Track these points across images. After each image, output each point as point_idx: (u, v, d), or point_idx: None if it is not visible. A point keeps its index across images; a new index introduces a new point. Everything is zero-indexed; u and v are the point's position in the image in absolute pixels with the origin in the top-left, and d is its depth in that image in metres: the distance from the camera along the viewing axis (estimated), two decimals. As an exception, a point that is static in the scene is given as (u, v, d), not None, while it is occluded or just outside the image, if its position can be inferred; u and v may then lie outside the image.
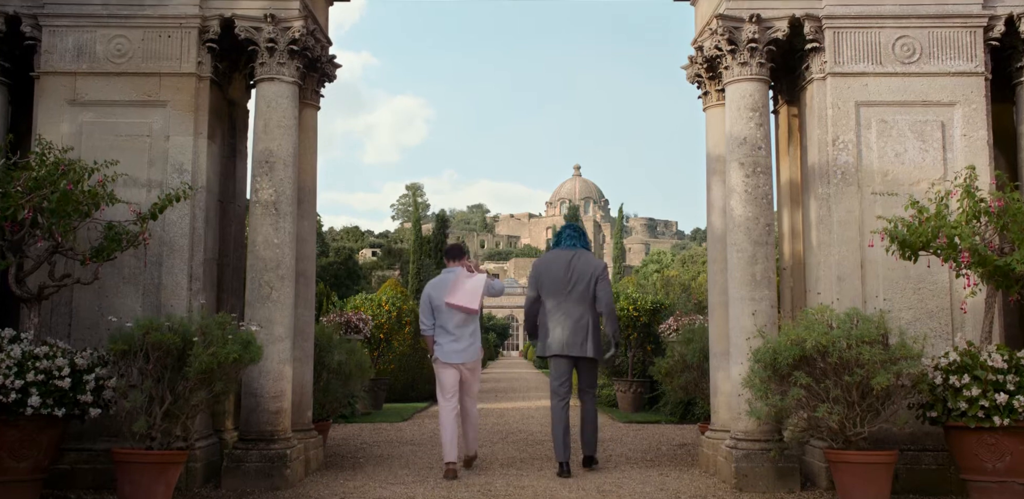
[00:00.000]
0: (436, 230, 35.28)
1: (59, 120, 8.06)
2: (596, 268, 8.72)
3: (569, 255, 8.80)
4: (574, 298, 8.62)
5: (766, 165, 8.16)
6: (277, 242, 8.05)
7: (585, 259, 8.77)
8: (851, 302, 7.83)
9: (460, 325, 8.67)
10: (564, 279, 8.66)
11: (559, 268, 8.72)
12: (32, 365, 6.39)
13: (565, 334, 8.56)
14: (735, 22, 8.22)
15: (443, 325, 8.68)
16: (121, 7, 8.17)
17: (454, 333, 8.65)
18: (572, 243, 8.91)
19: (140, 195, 7.96)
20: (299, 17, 8.22)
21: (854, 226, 7.97)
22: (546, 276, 8.77)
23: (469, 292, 8.63)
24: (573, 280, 8.66)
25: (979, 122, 8.05)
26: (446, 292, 8.67)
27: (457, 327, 8.66)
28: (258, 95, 8.29)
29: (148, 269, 7.84)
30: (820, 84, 8.23)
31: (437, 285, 8.89)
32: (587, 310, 8.62)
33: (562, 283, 8.66)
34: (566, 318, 8.58)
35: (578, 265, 8.71)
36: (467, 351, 8.69)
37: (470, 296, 8.61)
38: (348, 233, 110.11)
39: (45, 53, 8.13)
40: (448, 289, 8.68)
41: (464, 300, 8.61)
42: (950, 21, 8.14)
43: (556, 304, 8.65)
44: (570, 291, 8.64)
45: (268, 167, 8.10)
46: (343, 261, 57.71)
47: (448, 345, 8.64)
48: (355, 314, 16.63)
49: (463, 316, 8.68)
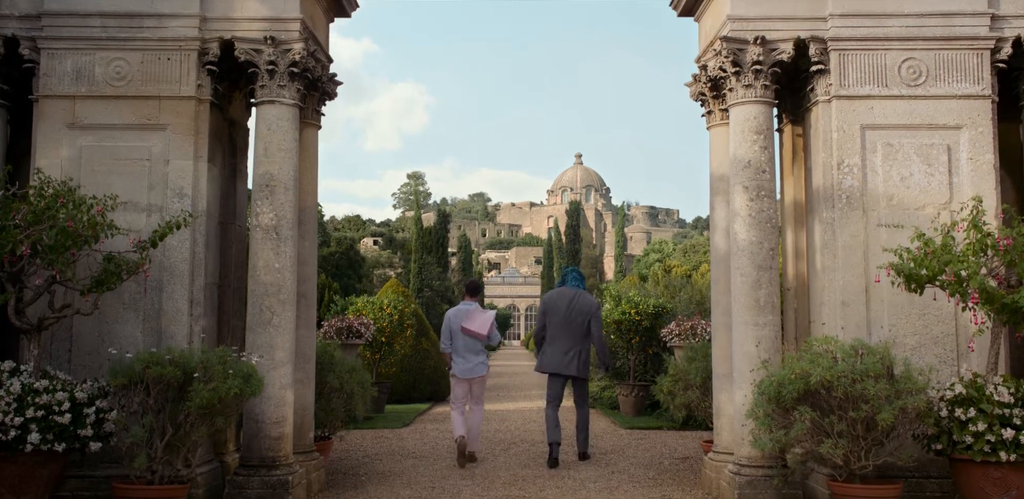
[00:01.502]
0: (437, 225, 35.36)
1: (58, 144, 8.00)
2: (591, 307, 10.80)
3: (572, 294, 10.86)
4: (571, 329, 10.68)
5: (770, 189, 8.10)
6: (278, 267, 8.00)
7: (584, 299, 10.83)
8: (855, 328, 7.79)
9: (469, 350, 10.92)
10: (566, 313, 10.71)
11: (563, 304, 10.78)
12: (32, 401, 6.36)
13: (559, 357, 10.66)
14: (739, 44, 8.15)
15: (457, 348, 10.94)
16: (120, 30, 8.10)
17: (465, 356, 10.92)
18: (575, 284, 11.06)
19: (140, 220, 7.92)
20: (299, 39, 8.15)
21: (859, 251, 7.92)
22: (552, 310, 10.81)
23: (480, 322, 10.83)
24: (573, 315, 10.70)
25: (985, 146, 7.98)
26: (464, 320, 10.83)
27: (467, 351, 10.92)
28: (258, 118, 8.22)
29: (149, 295, 7.80)
30: (825, 107, 8.16)
31: (457, 314, 11.05)
32: (581, 339, 10.70)
33: (564, 316, 10.71)
34: (562, 344, 10.68)
35: (578, 304, 10.77)
36: (474, 370, 10.93)
37: (480, 325, 10.80)
38: (349, 222, 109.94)
39: (44, 76, 8.07)
40: (465, 318, 10.87)
41: (475, 326, 10.79)
42: (957, 43, 8.06)
43: (556, 332, 10.74)
44: (569, 323, 10.69)
45: (269, 191, 8.04)
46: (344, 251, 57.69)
47: (460, 364, 10.91)
48: (357, 319, 16.60)
49: (472, 342, 10.87)
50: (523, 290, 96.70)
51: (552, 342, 10.73)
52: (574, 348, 10.60)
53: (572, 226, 45.87)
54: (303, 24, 8.24)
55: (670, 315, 17.34)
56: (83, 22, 8.09)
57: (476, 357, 10.94)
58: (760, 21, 8.17)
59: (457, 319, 10.94)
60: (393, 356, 18.46)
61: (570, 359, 10.60)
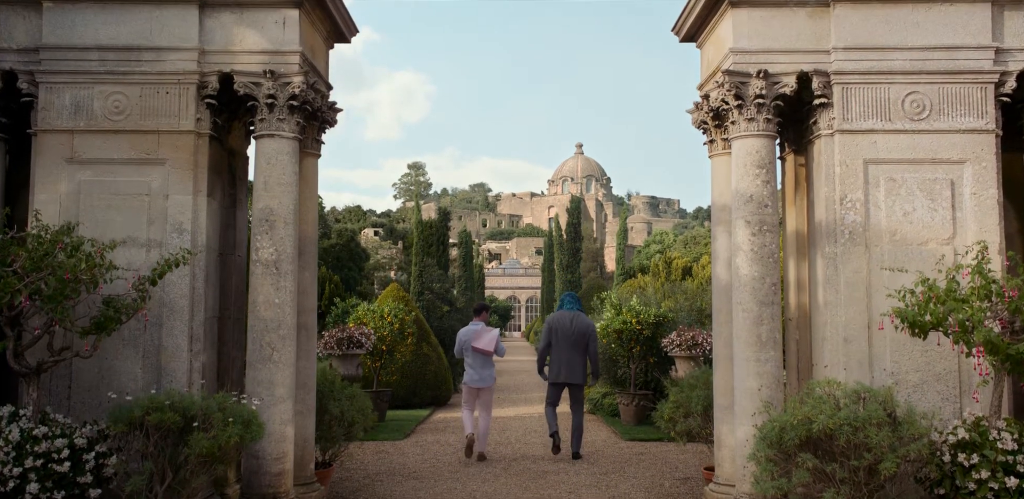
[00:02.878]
0: (438, 223, 35.27)
1: (57, 179, 7.96)
2: (588, 328, 13.00)
3: (571, 316, 13.11)
4: (571, 345, 12.86)
5: (772, 223, 8.06)
6: (278, 302, 7.97)
7: (581, 320, 13.05)
8: (857, 366, 7.77)
9: (479, 363, 12.90)
10: (569, 332, 12.89)
11: (566, 324, 12.98)
12: (31, 449, 6.33)
13: (561, 369, 12.83)
14: (742, 77, 8.09)
15: (468, 361, 12.91)
16: (118, 63, 8.05)
17: (475, 368, 12.90)
18: (571, 308, 13.29)
19: (139, 255, 7.88)
20: (299, 72, 8.09)
21: (861, 287, 7.88)
22: (556, 329, 12.99)
23: (487, 340, 12.83)
24: (573, 334, 12.90)
25: (989, 180, 7.93)
26: (473, 339, 12.83)
27: (477, 365, 12.90)
28: (258, 152, 8.17)
29: (148, 331, 7.77)
30: (828, 141, 8.11)
31: (468, 333, 13.04)
32: (578, 354, 12.89)
33: (565, 335, 12.89)
34: (564, 358, 12.86)
35: (577, 324, 12.97)
36: (482, 380, 12.92)
37: (487, 342, 12.80)
38: (350, 213, 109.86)
39: (42, 110, 8.02)
40: (475, 338, 12.84)
41: (483, 344, 12.79)
42: (961, 77, 8.00)
43: (559, 348, 12.90)
44: (569, 341, 12.86)
45: (268, 226, 8.01)
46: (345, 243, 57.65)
47: (471, 374, 12.90)
48: (357, 329, 16.60)
49: (481, 356, 12.87)
50: (524, 281, 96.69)
51: (555, 355, 12.91)
52: (575, 359, 12.80)
53: (572, 224, 45.76)
54: (303, 57, 8.19)
55: (671, 324, 17.32)
56: (81, 55, 8.03)
57: (485, 370, 12.91)
58: (762, 54, 8.11)
59: (468, 338, 12.91)
60: (394, 364, 18.44)
61: (569, 370, 12.77)
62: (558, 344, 12.89)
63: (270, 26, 8.13)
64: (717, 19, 8.55)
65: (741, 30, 8.14)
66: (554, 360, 12.92)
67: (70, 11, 8.07)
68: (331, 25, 8.97)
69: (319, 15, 8.63)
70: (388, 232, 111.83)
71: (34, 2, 8.09)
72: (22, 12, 8.13)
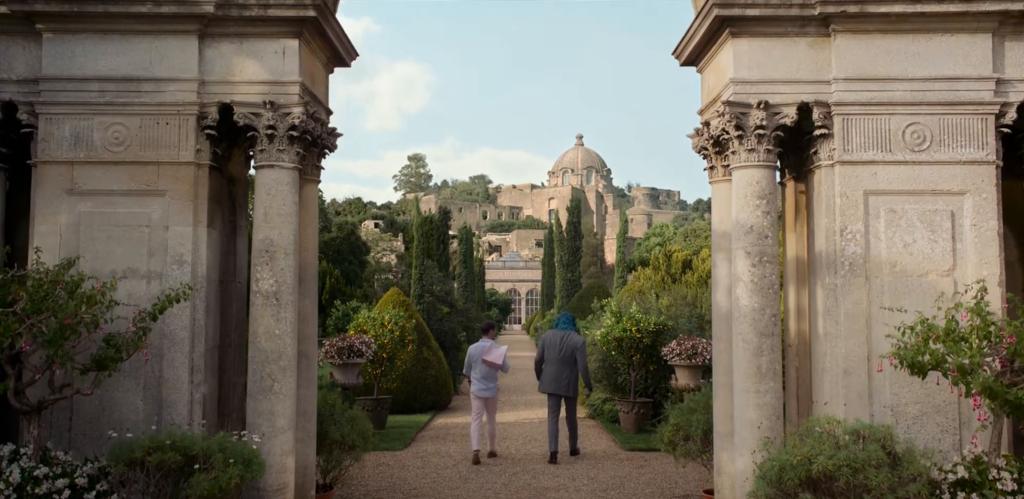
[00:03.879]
0: (439, 220, 35.37)
1: (57, 210, 7.96)
2: (578, 344, 14.17)
3: (563, 334, 14.29)
4: (562, 359, 14.07)
5: (773, 254, 8.06)
6: (278, 333, 7.98)
7: (572, 338, 14.21)
8: (857, 397, 7.79)
9: (486, 376, 14.09)
10: (558, 349, 14.13)
11: (557, 342, 14.20)
12: (31, 491, 6.35)
13: (553, 381, 14.09)
14: (742, 108, 8.08)
15: (476, 374, 14.09)
16: (118, 94, 8.04)
17: (483, 381, 14.08)
18: (564, 327, 14.55)
19: (140, 287, 7.89)
20: (299, 103, 8.08)
21: (861, 319, 7.89)
22: (548, 345, 14.28)
23: (495, 356, 14.09)
24: (564, 350, 14.09)
25: (989, 212, 7.93)
26: (484, 355, 14.06)
27: (484, 378, 14.09)
28: (258, 182, 8.16)
29: (149, 363, 7.78)
30: (828, 171, 8.10)
31: (478, 350, 14.26)
32: (569, 367, 14.07)
33: (556, 351, 14.14)
34: (555, 371, 14.09)
35: (567, 342, 14.17)
36: (488, 390, 14.10)
37: (495, 357, 14.06)
38: (350, 205, 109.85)
39: (42, 141, 8.01)
40: (485, 353, 14.09)
41: (493, 357, 14.06)
42: (961, 108, 7.99)
43: (551, 362, 14.18)
44: (560, 355, 14.08)
45: (269, 257, 8.01)
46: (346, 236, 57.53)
47: (479, 385, 14.09)
48: (358, 338, 16.60)
49: (489, 370, 14.07)
50: (524, 274, 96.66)
51: (547, 369, 14.21)
52: (564, 373, 14.04)
53: (572, 223, 45.76)
54: (303, 87, 8.18)
55: (671, 332, 17.33)
56: (81, 87, 8.03)
57: (491, 382, 14.15)
58: (763, 84, 8.10)
59: (478, 354, 14.22)
60: (395, 372, 18.46)
61: (561, 382, 14.02)
62: (549, 359, 14.23)
63: (270, 56, 8.12)
64: (717, 47, 8.53)
65: (742, 60, 8.13)
66: (546, 373, 14.29)
67: (70, 42, 8.06)
68: (331, 51, 8.96)
69: (319, 43, 8.61)
70: (388, 224, 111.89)
71: (34, 32, 8.08)
72: (22, 42, 8.13)
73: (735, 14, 8.00)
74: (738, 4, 7.97)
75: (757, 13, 7.99)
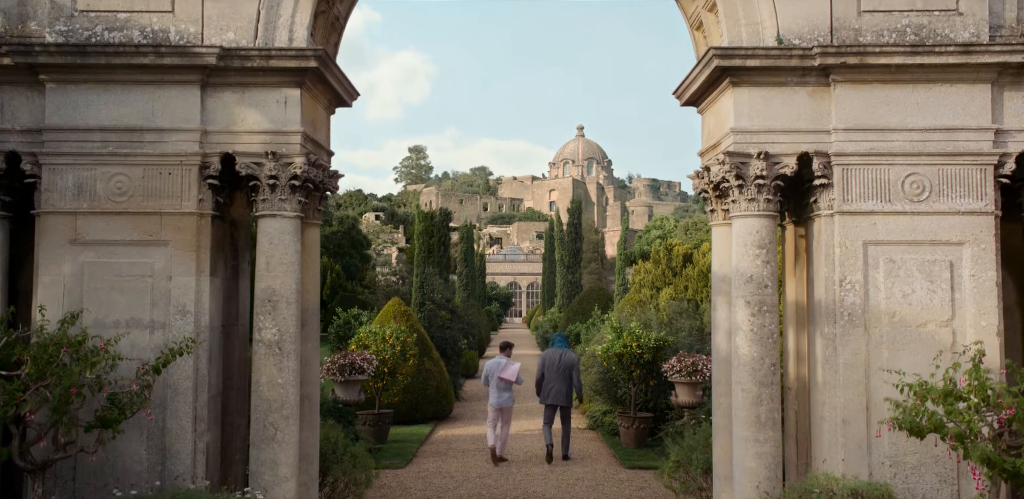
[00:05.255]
0: (440, 222, 35.45)
1: (61, 260, 8.00)
2: (573, 361, 16.10)
3: (560, 352, 16.19)
4: (560, 375, 15.90)
5: (772, 303, 8.10)
6: (281, 382, 8.03)
7: (567, 356, 16.12)
8: (856, 447, 7.84)
9: (501, 389, 15.62)
10: (556, 366, 15.96)
11: (555, 360, 16.05)
12: (38, 551, 6.42)
13: (552, 394, 15.91)
14: (742, 158, 8.11)
15: (493, 387, 15.65)
16: (121, 145, 8.07)
17: (498, 393, 15.62)
18: (561, 345, 16.41)
19: (143, 337, 7.94)
20: (300, 153, 8.11)
21: (860, 369, 7.93)
22: (548, 364, 16.09)
23: (510, 372, 15.62)
24: (560, 367, 15.94)
25: (988, 263, 7.96)
26: (499, 370, 15.61)
27: (500, 390, 15.62)
28: (260, 231, 8.20)
29: (153, 413, 7.81)
30: (828, 221, 8.13)
31: (495, 366, 15.79)
32: (564, 382, 15.92)
33: (554, 368, 15.97)
34: (553, 386, 15.93)
35: (563, 360, 16.03)
36: (504, 401, 15.61)
37: (510, 374, 15.61)
38: (351, 197, 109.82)
39: (45, 191, 8.04)
40: (500, 370, 15.60)
41: (507, 375, 15.59)
42: (961, 159, 8.01)
43: (549, 378, 16.00)
44: (558, 372, 15.90)
45: (271, 306, 8.05)
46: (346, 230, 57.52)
47: (495, 397, 15.60)
48: (359, 354, 16.64)
49: (504, 384, 15.62)
50: (524, 267, 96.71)
51: (547, 384, 16.01)
52: (561, 387, 15.89)
53: (573, 224, 45.77)
54: (304, 136, 8.21)
55: (671, 349, 17.40)
56: (84, 137, 8.05)
57: (506, 393, 15.69)
58: (763, 134, 8.12)
59: (494, 370, 15.74)
60: (396, 386, 18.52)
61: (558, 394, 15.87)
62: (549, 375, 16.07)
63: (271, 106, 8.15)
64: (718, 93, 8.55)
65: (742, 109, 8.16)
66: (545, 387, 16.09)
67: (73, 92, 8.08)
68: (332, 95, 8.98)
69: (320, 89, 8.64)
70: (390, 216, 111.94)
71: (37, 83, 8.11)
72: (26, 92, 8.16)
73: (736, 65, 8.03)
74: (739, 55, 8.00)
75: (757, 64, 8.02)
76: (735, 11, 8.24)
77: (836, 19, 8.15)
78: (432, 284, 24.24)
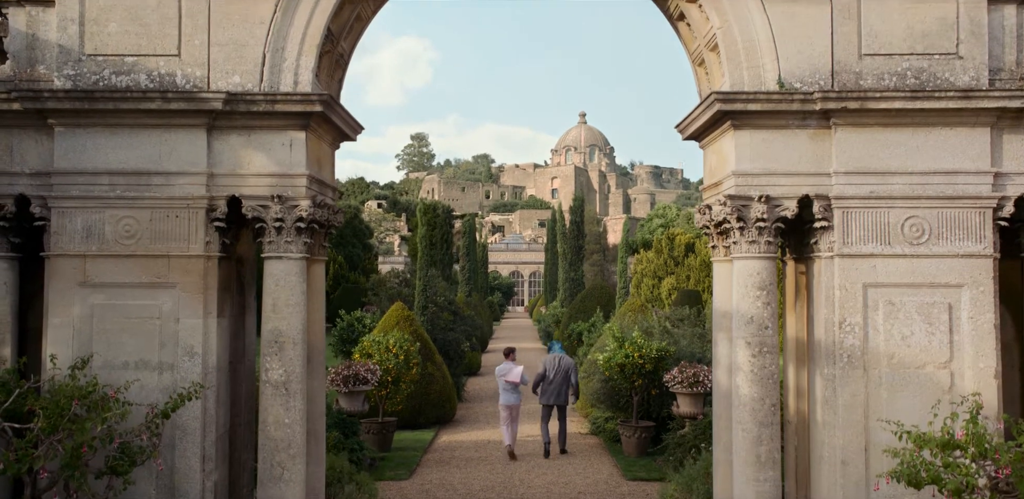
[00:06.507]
0: (442, 221, 35.49)
1: (70, 302, 8.11)
2: (570, 365, 17.55)
3: (559, 357, 17.67)
4: (558, 377, 17.36)
5: (772, 344, 8.19)
6: (288, 422, 8.14)
7: (565, 360, 17.60)
8: (855, 487, 7.94)
9: (508, 388, 17.19)
10: (555, 369, 17.43)
11: (554, 364, 17.49)
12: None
13: (550, 394, 17.36)
14: (744, 200, 8.19)
15: (502, 389, 17.31)
16: (128, 188, 8.15)
17: (507, 392, 17.21)
18: (560, 351, 18.10)
19: (152, 378, 8.05)
20: (306, 196, 8.20)
21: (859, 410, 8.03)
22: (548, 367, 17.49)
23: (514, 374, 17.25)
24: (558, 369, 17.41)
25: (986, 305, 8.04)
26: (506, 375, 17.27)
27: (506, 390, 17.20)
28: (266, 272, 8.28)
29: (162, 453, 7.92)
30: (828, 263, 8.22)
31: (503, 369, 17.51)
32: (562, 383, 17.38)
33: (553, 370, 17.44)
34: (552, 388, 17.38)
35: (561, 364, 17.50)
36: (512, 400, 17.13)
37: (514, 376, 17.22)
38: (353, 186, 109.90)
39: (55, 234, 8.14)
40: (506, 374, 17.28)
41: (512, 377, 17.22)
42: (960, 202, 8.09)
43: (549, 380, 17.44)
44: (556, 374, 17.38)
45: (278, 347, 8.16)
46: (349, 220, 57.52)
47: (504, 396, 17.22)
48: (363, 365, 16.74)
49: (511, 385, 17.20)
50: (527, 256, 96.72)
51: (547, 385, 17.43)
52: (559, 388, 17.36)
53: (575, 222, 45.76)
54: (310, 178, 8.29)
55: (672, 359, 17.50)
56: (92, 180, 8.14)
57: (514, 393, 17.22)
58: (764, 176, 8.20)
59: (502, 373, 17.44)
60: (400, 394, 18.64)
61: (556, 394, 17.34)
62: (550, 376, 17.52)
63: (277, 148, 8.22)
64: (720, 133, 8.62)
65: (743, 152, 8.23)
66: (544, 388, 17.56)
67: (81, 136, 8.17)
68: (336, 133, 9.06)
69: (325, 128, 8.71)
70: (392, 204, 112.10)
71: (46, 127, 8.19)
72: (35, 136, 8.24)
73: (737, 109, 8.10)
74: (740, 99, 8.06)
75: (759, 108, 8.09)
76: (736, 53, 8.30)
77: (837, 62, 8.20)
78: (435, 287, 24.31)
